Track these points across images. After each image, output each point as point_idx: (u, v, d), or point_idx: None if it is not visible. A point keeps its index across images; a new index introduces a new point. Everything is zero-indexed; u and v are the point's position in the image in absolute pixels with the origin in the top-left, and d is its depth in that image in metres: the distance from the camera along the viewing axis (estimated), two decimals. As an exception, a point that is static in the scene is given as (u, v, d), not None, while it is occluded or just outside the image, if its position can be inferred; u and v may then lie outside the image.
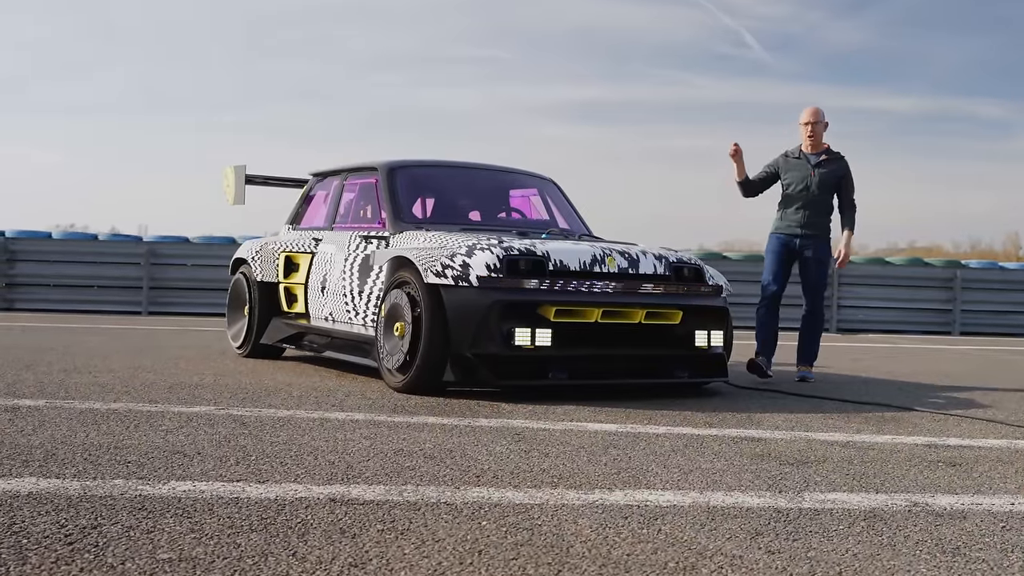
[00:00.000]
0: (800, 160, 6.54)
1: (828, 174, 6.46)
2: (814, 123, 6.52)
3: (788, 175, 6.55)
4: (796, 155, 6.58)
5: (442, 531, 2.39)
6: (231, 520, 2.41)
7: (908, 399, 5.61)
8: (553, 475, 3.11)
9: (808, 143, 6.55)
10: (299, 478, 2.93)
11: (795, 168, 6.53)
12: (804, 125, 6.56)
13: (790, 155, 6.61)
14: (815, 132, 6.53)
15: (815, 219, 6.46)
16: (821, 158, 6.50)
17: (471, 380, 4.98)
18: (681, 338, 5.36)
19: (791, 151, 6.62)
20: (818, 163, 6.48)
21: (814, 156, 6.52)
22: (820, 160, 6.49)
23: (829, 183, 6.46)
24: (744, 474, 3.25)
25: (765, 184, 6.69)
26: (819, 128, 6.54)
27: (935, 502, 2.92)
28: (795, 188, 6.49)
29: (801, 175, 6.49)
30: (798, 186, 6.48)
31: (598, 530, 2.46)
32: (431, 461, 3.27)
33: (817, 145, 6.55)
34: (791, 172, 6.54)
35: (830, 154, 6.54)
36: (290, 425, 3.93)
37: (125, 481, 2.80)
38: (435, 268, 4.98)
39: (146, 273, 13.99)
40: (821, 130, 6.56)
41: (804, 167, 6.49)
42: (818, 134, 6.54)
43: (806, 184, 6.45)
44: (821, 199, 6.46)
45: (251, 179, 7.64)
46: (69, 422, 3.81)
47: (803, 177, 6.48)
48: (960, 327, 15.06)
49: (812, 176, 6.45)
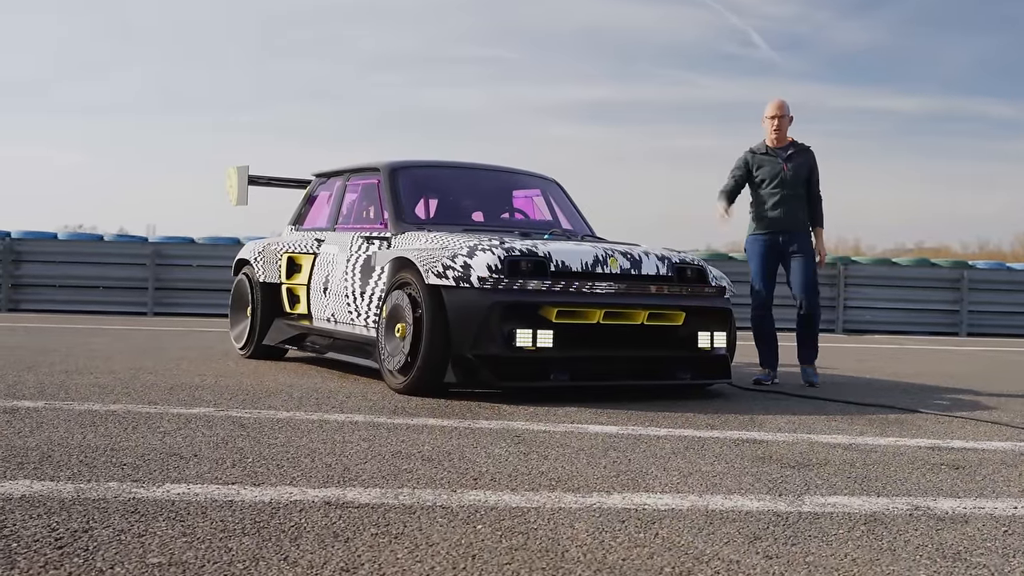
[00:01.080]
0: (768, 155, 6.36)
1: (799, 166, 6.31)
2: (780, 117, 6.36)
3: (760, 171, 6.35)
4: (763, 151, 6.40)
5: (436, 535, 2.37)
6: (224, 524, 2.39)
7: (912, 401, 5.58)
8: (551, 478, 3.09)
9: (773, 137, 6.38)
10: (295, 481, 2.91)
11: (766, 164, 6.34)
12: (770, 119, 6.38)
13: (756, 151, 6.42)
14: (781, 126, 6.36)
15: (794, 214, 6.30)
16: (789, 151, 6.35)
17: (472, 381, 4.95)
18: (684, 339, 5.33)
19: (756, 147, 6.43)
20: (788, 156, 6.32)
21: (781, 151, 6.36)
22: (789, 153, 6.34)
23: (801, 175, 6.31)
24: (744, 477, 3.22)
25: (739, 188, 6.45)
26: (784, 122, 6.38)
27: (937, 506, 2.89)
28: (769, 184, 6.31)
29: (773, 170, 6.31)
30: (772, 182, 6.30)
31: (594, 534, 2.43)
32: (429, 464, 3.25)
33: (783, 139, 6.38)
34: (762, 168, 6.35)
35: (796, 146, 6.39)
36: (289, 427, 3.91)
37: (119, 484, 2.78)
38: (436, 269, 4.96)
39: (151, 274, 14.00)
40: (787, 124, 6.39)
41: (775, 162, 6.32)
42: (783, 128, 6.37)
43: (780, 179, 6.28)
44: (796, 193, 6.30)
45: (254, 180, 7.63)
46: (67, 424, 3.79)
47: (776, 172, 6.30)
48: (967, 328, 14.99)
49: (785, 170, 6.28)
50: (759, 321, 6.38)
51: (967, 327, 15.02)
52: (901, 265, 15.65)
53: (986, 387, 6.56)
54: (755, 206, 6.40)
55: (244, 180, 7.50)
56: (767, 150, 6.38)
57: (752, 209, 6.43)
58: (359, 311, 5.84)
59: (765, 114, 6.42)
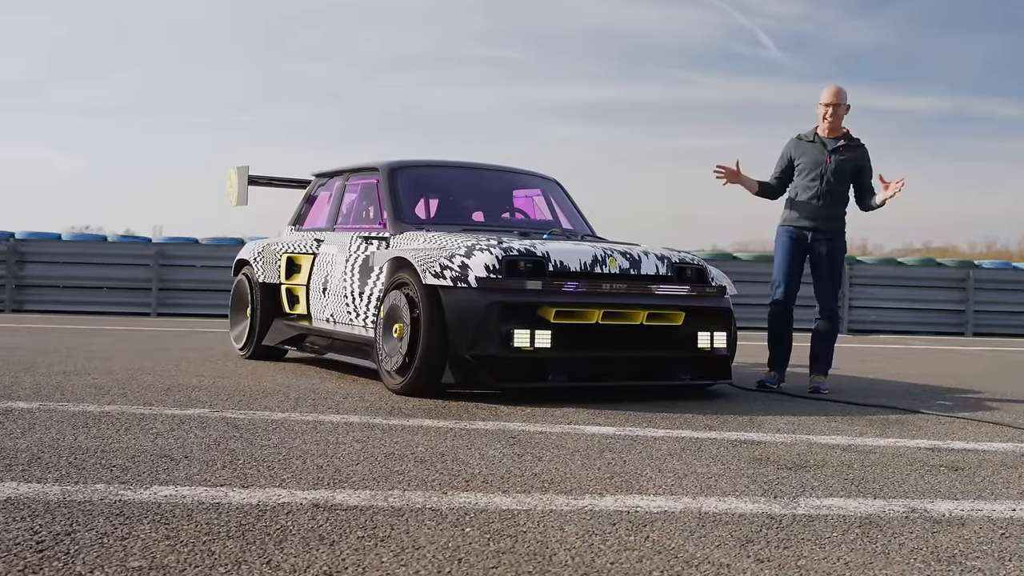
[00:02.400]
0: (815, 144, 5.88)
1: (845, 162, 5.81)
2: (836, 104, 5.83)
3: (801, 160, 5.89)
4: (810, 138, 5.91)
5: (423, 538, 2.34)
6: (209, 527, 2.36)
7: (914, 401, 5.53)
8: (544, 480, 3.06)
9: (826, 126, 5.87)
10: (284, 483, 2.88)
11: (808, 152, 5.88)
12: (824, 106, 5.87)
13: (804, 138, 5.95)
14: (836, 114, 5.84)
15: (829, 211, 5.83)
16: (839, 143, 5.84)
17: (470, 382, 4.92)
18: (683, 339, 5.29)
19: (805, 134, 5.96)
20: (835, 148, 5.83)
21: (831, 141, 5.85)
22: (838, 146, 5.83)
23: (845, 172, 5.81)
24: (740, 479, 3.19)
25: (786, 177, 6.01)
26: (840, 111, 5.85)
27: (934, 508, 2.86)
28: (808, 175, 5.84)
29: (815, 160, 5.83)
30: (811, 173, 5.83)
31: (584, 537, 2.40)
32: (421, 465, 3.22)
33: (836, 129, 5.87)
34: (804, 156, 5.88)
35: (849, 140, 5.87)
36: (283, 428, 3.88)
37: (107, 486, 2.75)
38: (433, 269, 4.93)
39: (155, 274, 14.00)
40: (842, 113, 5.87)
41: (819, 151, 5.84)
42: (838, 117, 5.86)
43: (820, 171, 5.80)
44: (836, 189, 5.82)
45: (254, 180, 7.61)
46: (59, 425, 3.77)
47: (817, 163, 5.82)
48: (973, 328, 14.92)
49: (828, 163, 5.79)
50: (774, 318, 5.98)
51: (973, 327, 14.95)
52: (906, 265, 15.59)
53: (989, 387, 6.52)
54: (789, 195, 5.97)
55: (244, 180, 7.47)
56: (815, 137, 5.91)
57: (787, 198, 6.01)
58: (358, 311, 5.81)
59: (820, 100, 5.91)
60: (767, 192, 6.11)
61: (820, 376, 5.91)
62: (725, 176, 6.02)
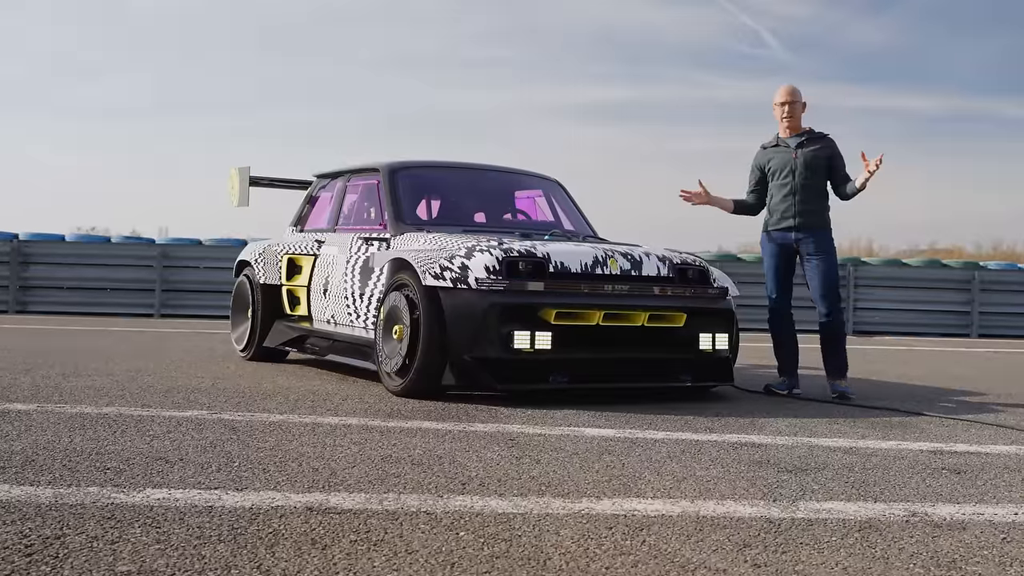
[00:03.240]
0: (779, 147, 5.84)
1: (813, 155, 5.71)
2: (791, 103, 5.80)
3: (770, 164, 5.84)
4: (774, 143, 5.89)
5: (417, 542, 2.32)
6: (200, 530, 2.34)
7: (918, 403, 5.50)
8: (541, 483, 3.03)
9: (785, 125, 5.83)
10: (279, 485, 2.86)
11: (776, 156, 5.83)
12: (780, 106, 5.83)
13: (767, 145, 5.92)
14: (792, 112, 5.80)
15: (807, 207, 5.71)
16: (802, 138, 5.77)
17: (470, 384, 4.90)
18: (685, 341, 5.26)
19: (767, 142, 5.94)
20: (799, 144, 5.76)
21: (794, 138, 5.80)
22: (802, 140, 5.76)
23: (817, 165, 5.71)
24: (739, 482, 3.16)
25: (761, 190, 5.95)
26: (796, 108, 5.82)
27: (935, 512, 2.82)
28: (780, 176, 5.77)
29: (783, 160, 5.77)
30: (782, 172, 5.76)
31: (579, 541, 2.37)
32: (418, 468, 3.19)
33: (796, 127, 5.81)
34: (772, 161, 5.83)
35: (811, 134, 5.80)
36: (280, 430, 3.86)
37: (99, 488, 2.73)
38: (433, 270, 4.90)
39: (159, 275, 14.00)
40: (799, 111, 5.83)
41: (785, 152, 5.79)
42: (796, 115, 5.82)
43: (790, 168, 5.72)
44: (810, 184, 5.71)
45: (256, 181, 7.59)
46: (56, 427, 3.75)
47: (785, 162, 5.75)
48: (978, 329, 14.87)
49: (795, 158, 5.72)
50: (772, 325, 5.91)
51: (978, 328, 14.89)
52: (911, 266, 15.53)
53: (994, 389, 6.48)
54: (768, 201, 5.92)
55: (246, 181, 7.46)
56: (777, 141, 5.88)
57: (767, 204, 5.95)
58: (358, 313, 5.79)
59: (774, 100, 5.89)
60: (745, 209, 6.05)
61: (839, 380, 5.72)
62: (692, 198, 5.99)
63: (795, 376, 5.85)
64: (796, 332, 5.95)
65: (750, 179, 6.00)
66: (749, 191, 6.02)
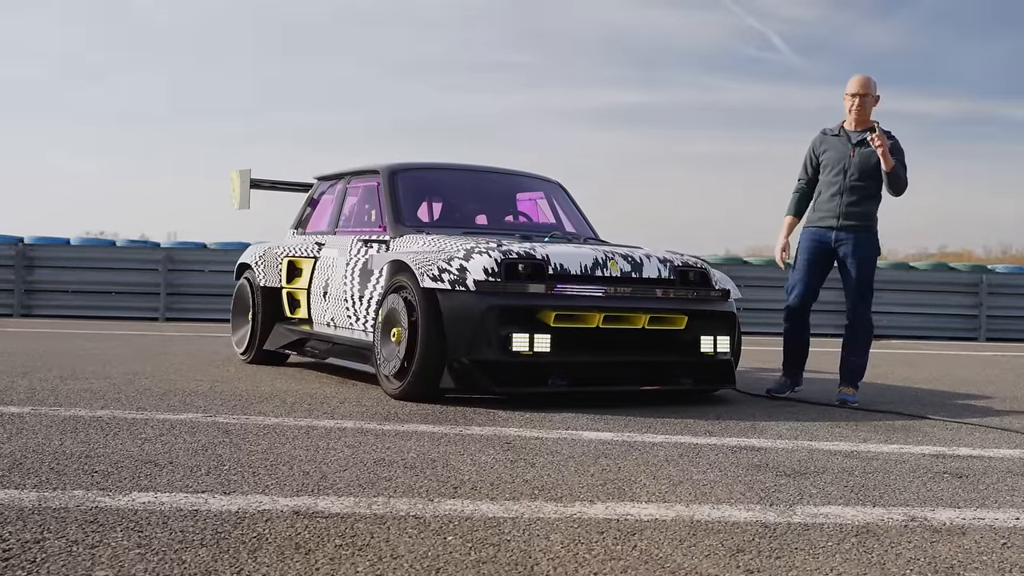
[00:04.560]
0: (839, 137, 5.55)
1: (871, 155, 5.39)
2: (863, 95, 5.46)
3: (824, 155, 5.57)
4: (835, 132, 5.58)
5: (403, 547, 2.27)
6: (183, 534, 2.30)
7: (922, 406, 5.44)
8: (535, 486, 2.98)
9: (852, 118, 5.51)
10: (267, 489, 2.82)
11: (833, 147, 5.55)
12: (850, 96, 5.50)
13: (828, 132, 5.62)
14: (863, 105, 5.47)
15: (855, 208, 5.44)
16: (865, 136, 5.46)
17: (468, 387, 4.85)
18: (686, 344, 5.21)
19: (830, 128, 5.63)
20: (860, 141, 5.46)
21: (856, 134, 5.49)
22: (863, 139, 5.45)
23: (871, 167, 5.41)
24: (736, 486, 3.11)
25: (809, 191, 5.70)
26: (868, 101, 5.47)
27: (935, 516, 2.77)
28: (831, 171, 5.51)
29: (838, 155, 5.50)
30: (834, 168, 5.49)
31: (569, 546, 2.33)
32: (410, 471, 3.15)
33: (863, 121, 5.48)
34: (828, 151, 5.55)
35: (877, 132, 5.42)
36: (274, 433, 3.82)
37: (85, 492, 2.69)
38: (431, 272, 4.86)
39: (164, 279, 13.98)
40: (870, 104, 5.49)
41: (843, 146, 5.51)
42: (866, 108, 5.48)
43: (843, 166, 5.46)
44: (862, 185, 5.44)
45: (256, 183, 7.57)
46: (47, 430, 3.71)
47: (840, 157, 5.48)
48: (986, 333, 14.78)
49: (851, 156, 5.45)
50: (787, 322, 5.70)
51: (986, 332, 14.80)
52: (919, 269, 15.44)
53: (1000, 393, 6.41)
54: (816, 194, 5.64)
55: (247, 184, 7.43)
56: (840, 131, 5.57)
57: (814, 196, 5.68)
58: (357, 315, 5.75)
59: (846, 90, 5.55)
60: (801, 207, 5.75)
61: (848, 388, 5.54)
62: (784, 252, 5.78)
63: (799, 375, 5.73)
64: (810, 336, 5.78)
65: (803, 167, 5.72)
66: (801, 183, 5.73)
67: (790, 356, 5.74)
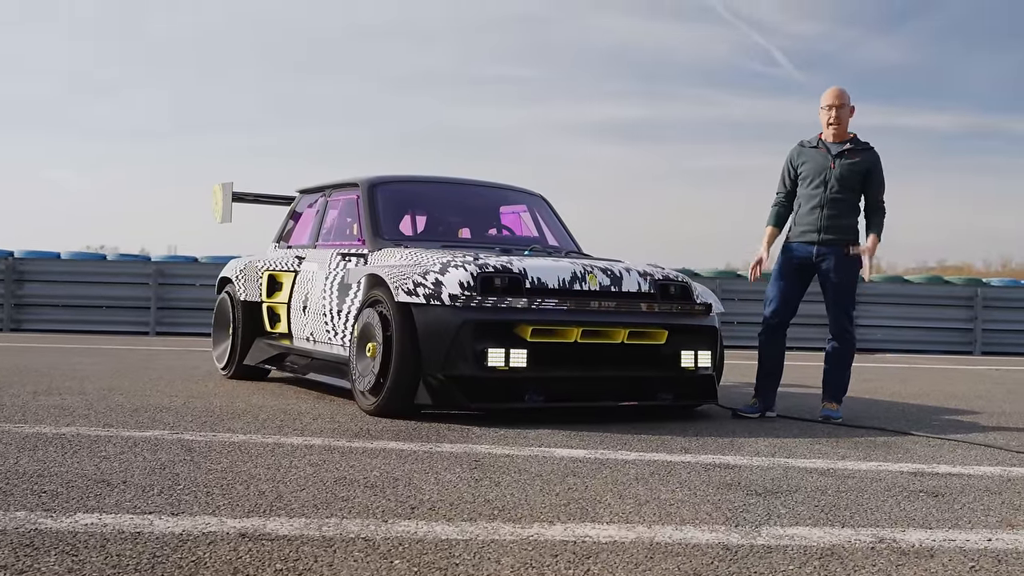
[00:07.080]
0: (818, 150, 5.43)
1: (851, 167, 5.32)
2: (838, 106, 5.38)
3: (803, 167, 5.45)
4: (814, 143, 5.47)
5: (347, 571, 2.19)
6: (119, 559, 2.22)
7: (907, 422, 5.36)
8: (495, 506, 2.90)
9: (831, 131, 5.42)
10: (217, 510, 2.73)
11: (812, 158, 5.43)
12: (826, 109, 5.42)
13: (806, 144, 5.50)
14: (839, 117, 5.39)
15: (836, 222, 5.34)
16: (844, 147, 5.38)
17: (444, 403, 4.78)
18: (666, 358, 5.13)
19: (808, 140, 5.52)
20: (840, 153, 5.37)
21: (836, 145, 5.41)
22: (843, 150, 5.37)
23: (852, 179, 5.33)
24: (703, 505, 3.03)
25: (790, 202, 5.57)
26: (844, 113, 5.40)
27: (904, 538, 2.69)
28: (811, 183, 5.39)
29: (818, 167, 5.38)
30: (814, 180, 5.37)
31: (519, 570, 2.25)
32: (370, 491, 3.07)
33: (841, 134, 5.41)
34: (807, 163, 5.43)
35: (856, 144, 5.40)
36: (238, 451, 3.74)
37: (28, 513, 2.61)
38: (406, 286, 4.79)
39: (154, 293, 13.92)
40: (846, 115, 5.42)
41: (823, 157, 5.39)
42: (843, 120, 5.40)
43: (823, 178, 5.34)
44: (843, 198, 5.34)
45: (239, 197, 7.50)
46: (5, 448, 3.64)
47: (820, 169, 5.37)
48: (982, 347, 14.69)
49: (832, 168, 5.33)
50: (762, 336, 5.58)
51: (982, 346, 14.72)
52: (913, 283, 15.37)
53: (989, 408, 6.33)
54: (795, 208, 5.53)
55: (228, 197, 7.37)
56: (818, 143, 5.47)
57: (793, 211, 5.56)
58: (336, 330, 5.68)
59: (821, 103, 5.48)
60: (784, 221, 5.62)
61: (831, 403, 5.45)
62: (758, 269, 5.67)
63: (771, 399, 5.54)
64: (785, 352, 5.66)
65: (781, 180, 5.60)
66: (780, 196, 5.60)
67: (764, 374, 5.56)
